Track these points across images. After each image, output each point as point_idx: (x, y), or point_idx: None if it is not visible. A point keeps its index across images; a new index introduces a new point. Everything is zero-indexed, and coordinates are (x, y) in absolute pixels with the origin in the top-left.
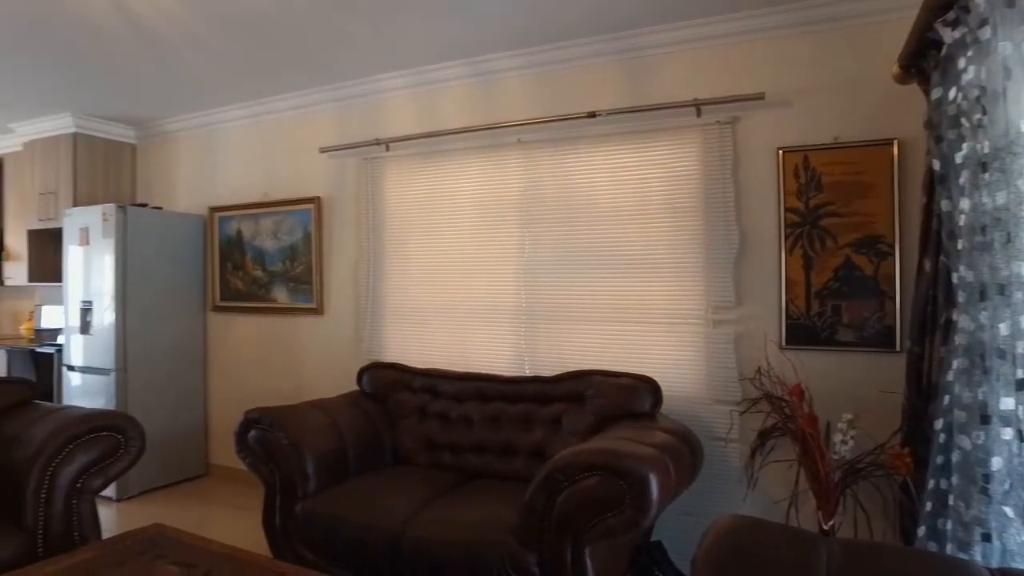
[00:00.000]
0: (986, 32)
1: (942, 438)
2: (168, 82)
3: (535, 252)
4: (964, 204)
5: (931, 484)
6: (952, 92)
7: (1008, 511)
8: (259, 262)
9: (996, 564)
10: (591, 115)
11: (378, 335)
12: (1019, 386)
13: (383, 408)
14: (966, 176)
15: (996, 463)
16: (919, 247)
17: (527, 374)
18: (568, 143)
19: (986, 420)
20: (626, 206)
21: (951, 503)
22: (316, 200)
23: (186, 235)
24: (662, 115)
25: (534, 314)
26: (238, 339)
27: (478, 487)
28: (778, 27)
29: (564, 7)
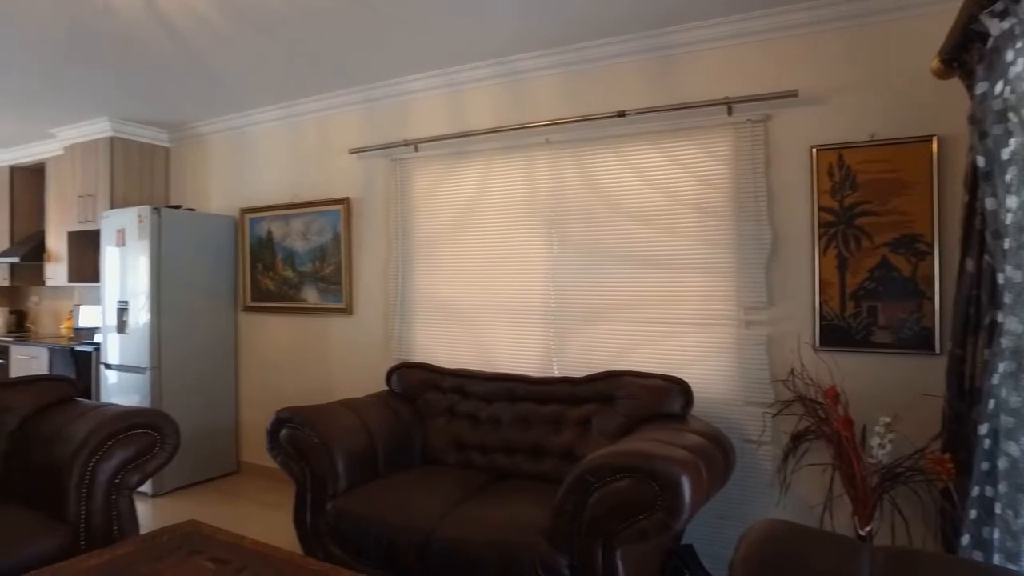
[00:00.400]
0: None
1: (987, 444)
2: (201, 86)
3: (563, 252)
4: (1011, 202)
5: (975, 491)
6: (999, 86)
7: None
8: (289, 263)
9: None
10: (620, 114)
11: (407, 335)
12: None
13: (412, 408)
14: (1013, 173)
15: None
16: (960, 246)
17: (556, 375)
18: (597, 143)
19: None
20: (655, 206)
21: (998, 512)
22: (345, 201)
23: (218, 236)
24: (692, 114)
25: (563, 314)
26: (269, 339)
27: (508, 488)
28: (812, 23)
29: (593, 6)
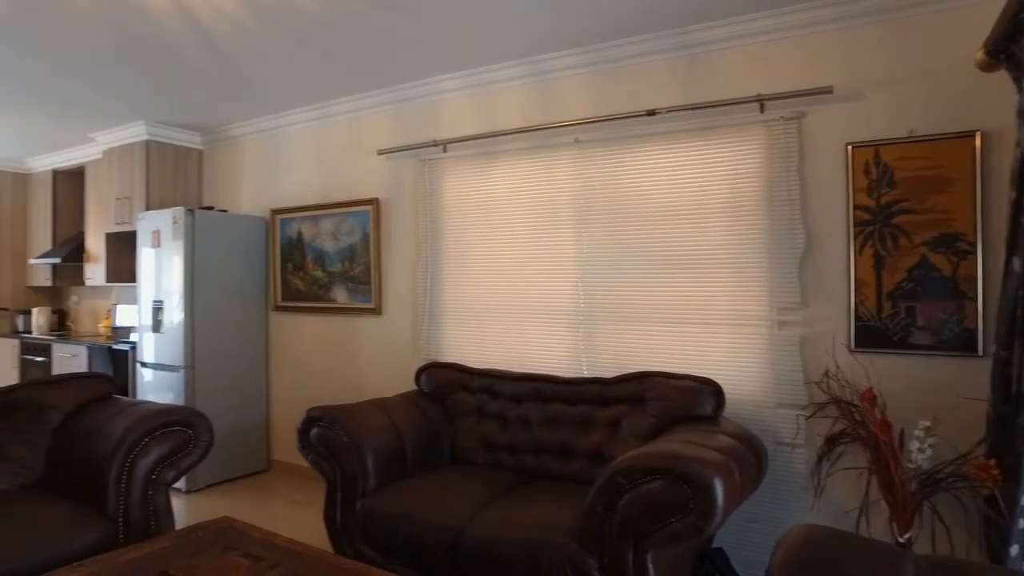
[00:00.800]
0: None
1: None
2: (233, 89)
3: (592, 252)
4: None
5: None
6: None
7: None
8: (319, 263)
9: None
10: (651, 113)
11: (436, 335)
12: None
13: (441, 408)
14: None
15: None
16: (1007, 245)
17: (585, 375)
18: (626, 142)
19: None
20: (686, 205)
21: None
22: (374, 201)
23: (249, 236)
24: (723, 112)
25: (592, 315)
26: (299, 338)
27: (537, 488)
28: (847, 17)
29: (622, 5)
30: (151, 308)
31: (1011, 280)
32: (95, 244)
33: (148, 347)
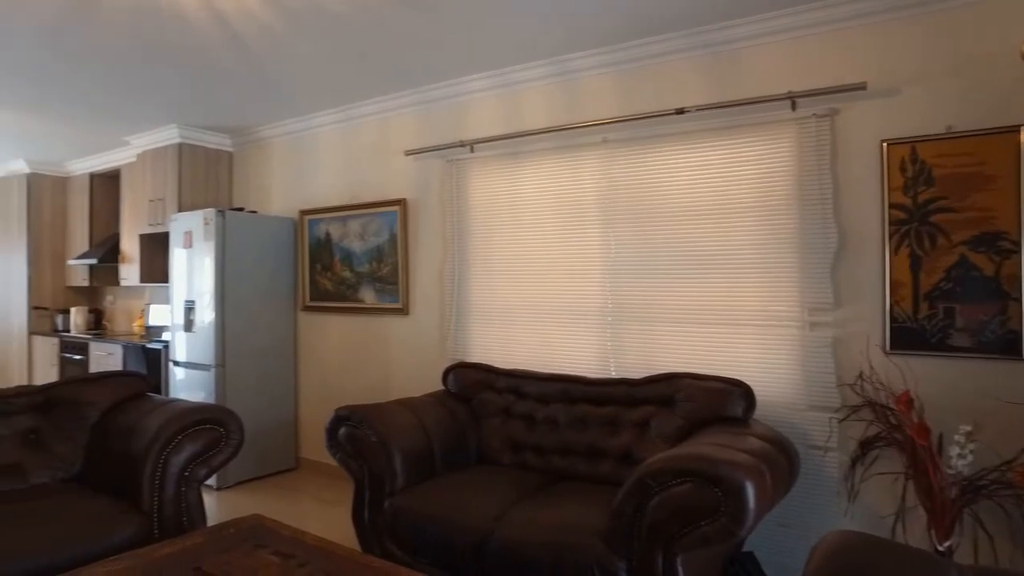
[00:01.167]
0: None
1: None
2: (263, 92)
3: (620, 252)
4: None
5: None
6: None
7: None
8: (347, 263)
9: None
10: (679, 111)
11: (463, 335)
12: None
13: (468, 408)
14: None
15: None
16: None
17: (613, 376)
18: (654, 141)
19: None
20: (715, 204)
21: None
22: (402, 202)
23: (278, 237)
24: (753, 110)
25: (620, 315)
26: (327, 338)
27: (564, 489)
28: (881, 11)
29: (649, 3)
30: (183, 308)
31: None
32: (129, 245)
33: (180, 346)
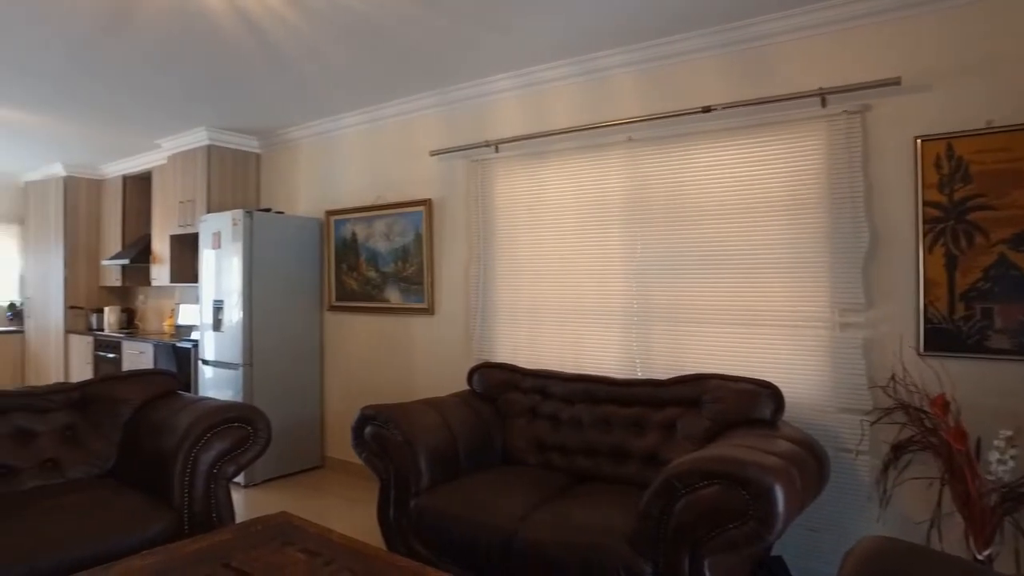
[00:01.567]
0: None
1: None
2: (290, 94)
3: (646, 251)
4: None
5: None
6: None
7: None
8: (372, 263)
9: None
10: (706, 110)
11: (488, 335)
12: None
13: (493, 408)
14: None
15: None
16: None
17: (639, 376)
18: (680, 140)
19: None
20: (742, 203)
21: None
22: (427, 202)
23: (305, 238)
24: (782, 107)
25: (646, 315)
26: (352, 338)
27: (590, 490)
28: (916, 4)
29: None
30: (212, 307)
31: None
32: (160, 246)
33: (209, 345)
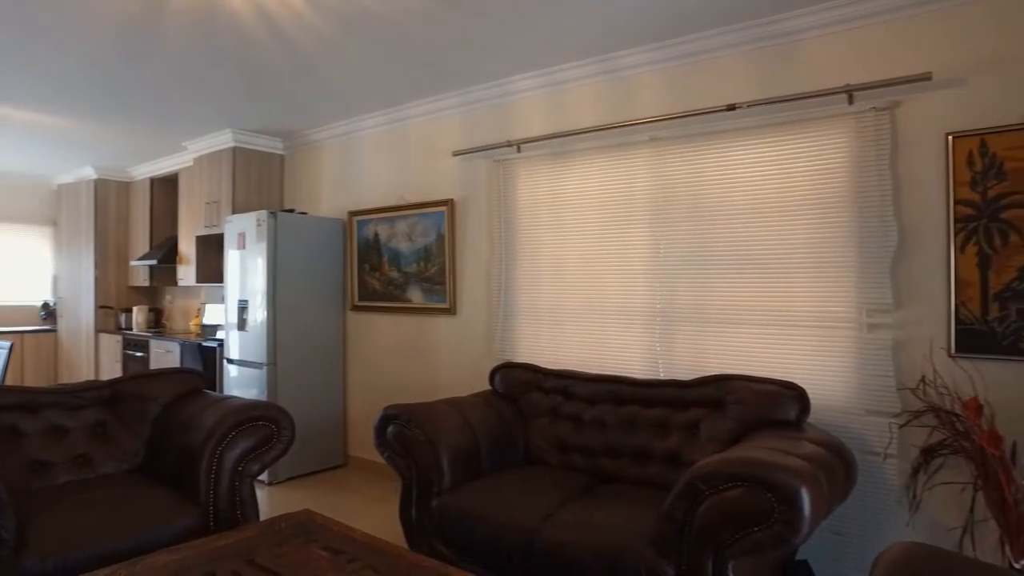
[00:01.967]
0: None
1: None
2: (313, 96)
3: (670, 251)
4: None
5: None
6: None
7: None
8: (395, 263)
9: None
10: (730, 108)
11: (510, 335)
12: None
13: (515, 408)
14: None
15: None
16: None
17: (661, 377)
18: (704, 138)
19: None
20: (767, 202)
21: None
22: (449, 202)
23: (328, 238)
24: (808, 105)
25: (669, 316)
26: (375, 337)
27: (612, 491)
28: None
29: None
30: (237, 307)
31: None
32: (187, 246)
33: (234, 344)
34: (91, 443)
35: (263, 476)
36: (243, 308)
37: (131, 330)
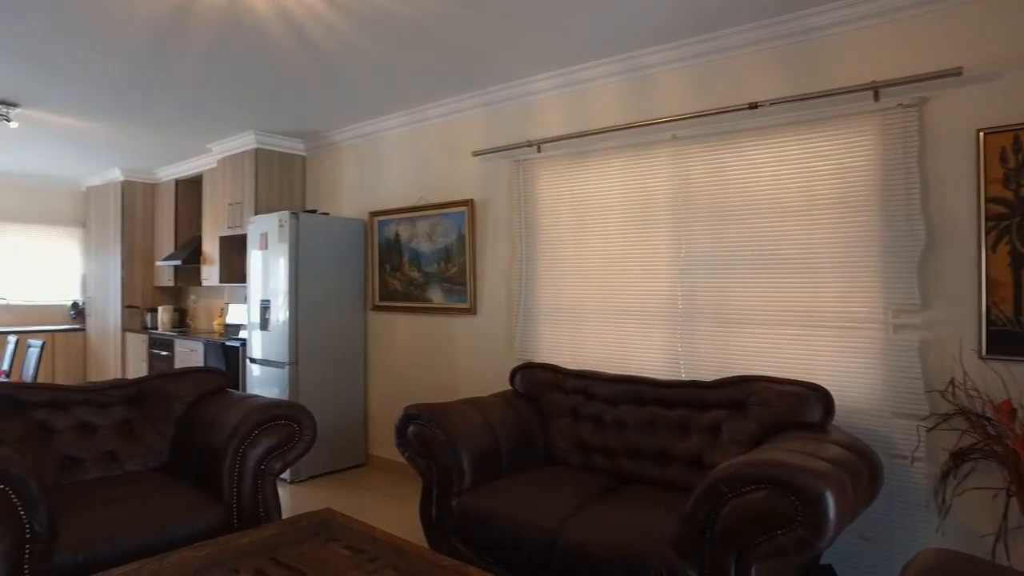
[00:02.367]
0: None
1: None
2: (335, 97)
3: (691, 251)
4: None
5: None
6: None
7: None
8: (415, 263)
9: None
10: (752, 106)
11: (530, 335)
12: None
13: (535, 408)
14: None
15: None
16: None
17: (683, 378)
18: (726, 137)
19: None
20: (791, 201)
21: None
22: (469, 203)
23: (349, 238)
24: (832, 102)
25: (691, 316)
26: (396, 337)
27: (633, 492)
28: None
29: None
30: (259, 307)
31: None
32: (210, 247)
33: (256, 344)
34: (118, 440)
35: (285, 475)
36: (265, 308)
37: (156, 329)
